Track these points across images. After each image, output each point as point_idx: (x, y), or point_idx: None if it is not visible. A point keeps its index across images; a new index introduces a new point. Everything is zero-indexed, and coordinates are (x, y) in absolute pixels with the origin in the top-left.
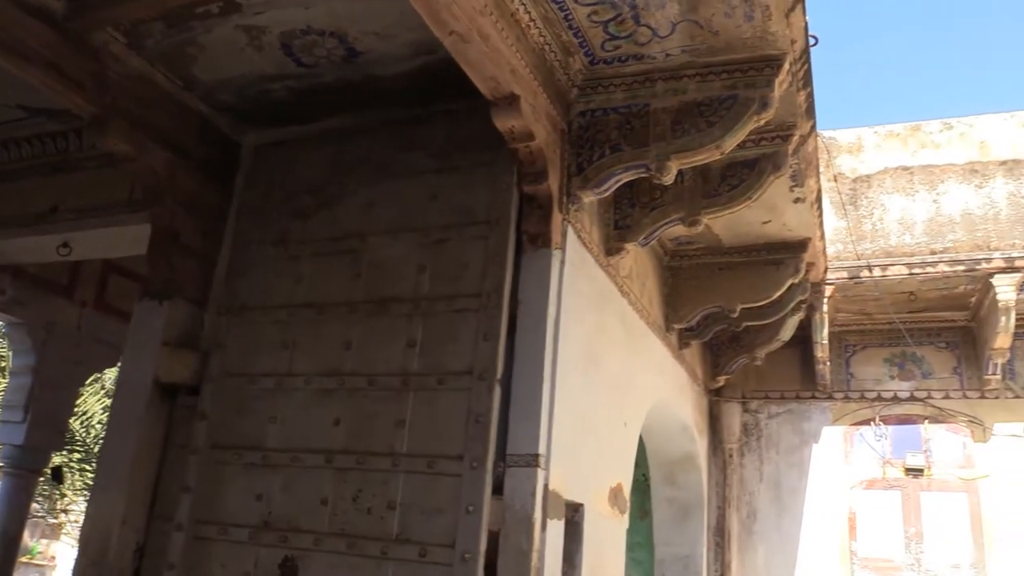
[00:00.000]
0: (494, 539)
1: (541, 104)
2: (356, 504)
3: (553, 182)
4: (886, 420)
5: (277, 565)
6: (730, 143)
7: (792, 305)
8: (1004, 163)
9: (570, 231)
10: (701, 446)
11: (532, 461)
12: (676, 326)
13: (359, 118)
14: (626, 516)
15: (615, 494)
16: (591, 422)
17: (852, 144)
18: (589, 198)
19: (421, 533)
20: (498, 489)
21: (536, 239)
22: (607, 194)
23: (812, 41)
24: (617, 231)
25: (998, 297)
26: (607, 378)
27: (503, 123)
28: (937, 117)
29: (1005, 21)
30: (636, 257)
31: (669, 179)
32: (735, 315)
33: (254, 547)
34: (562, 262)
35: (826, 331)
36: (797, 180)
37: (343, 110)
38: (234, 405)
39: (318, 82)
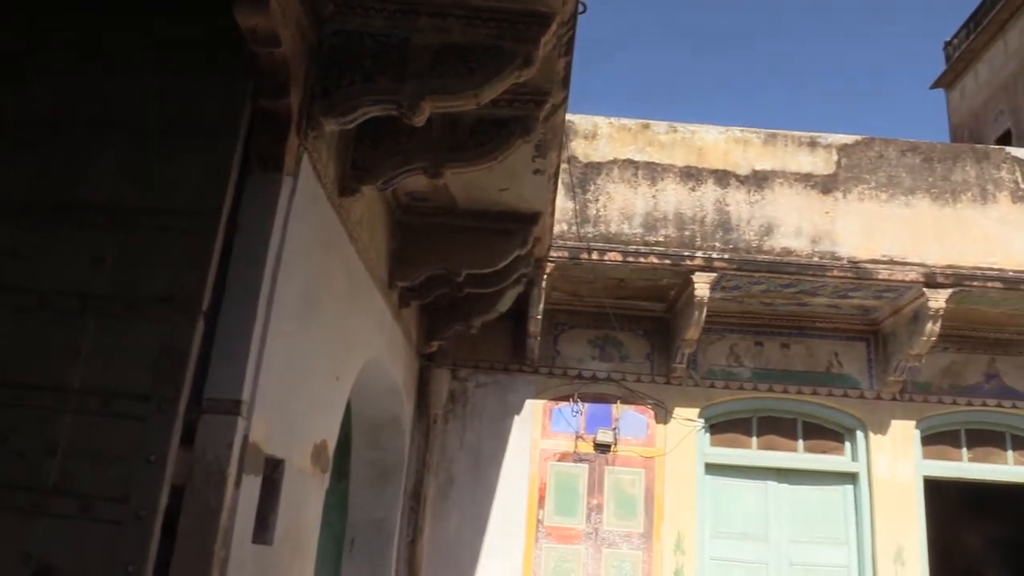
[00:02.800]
0: (178, 494)
1: (292, 10)
2: (5, 446)
3: (294, 100)
4: (584, 398)
5: None
6: (488, 94)
7: (515, 277)
8: (715, 172)
9: (305, 159)
10: (408, 410)
11: (232, 408)
12: (400, 283)
13: None
14: (327, 476)
15: (319, 451)
16: (303, 372)
17: (588, 131)
18: (331, 127)
19: (86, 484)
20: (188, 438)
21: (267, 161)
22: (351, 126)
23: (581, 8)
24: (355, 171)
25: (695, 292)
26: (325, 327)
27: (246, 19)
28: (665, 119)
29: (733, 40)
30: (369, 204)
31: (420, 120)
32: (460, 279)
33: None
34: (292, 191)
35: (541, 307)
36: (541, 151)
37: None
38: None
39: None
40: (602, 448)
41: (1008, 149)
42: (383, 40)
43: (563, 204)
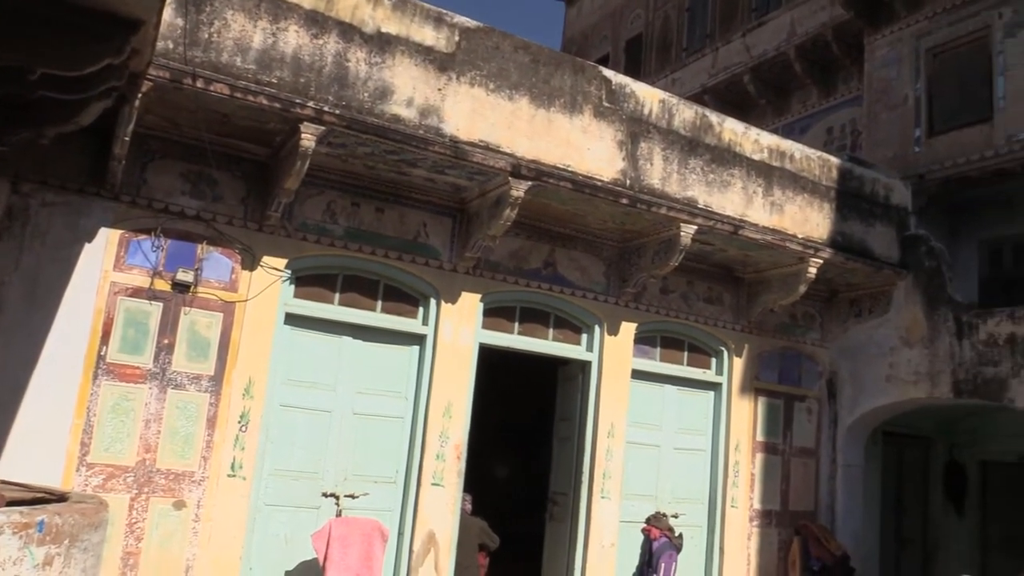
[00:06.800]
0: None
1: None
2: None
3: None
4: (167, 233)
5: None
6: None
7: (103, 89)
8: (342, 24)
9: None
10: None
11: None
12: None
13: None
14: None
15: None
16: None
17: None
18: None
19: None
20: None
21: None
22: None
23: None
24: None
25: (301, 143)
26: None
27: None
28: None
29: None
30: None
31: None
32: (34, 78)
33: None
34: None
35: (131, 129)
36: None
37: None
38: None
39: None
40: (181, 288)
41: (601, 68)
42: None
43: (172, 19)
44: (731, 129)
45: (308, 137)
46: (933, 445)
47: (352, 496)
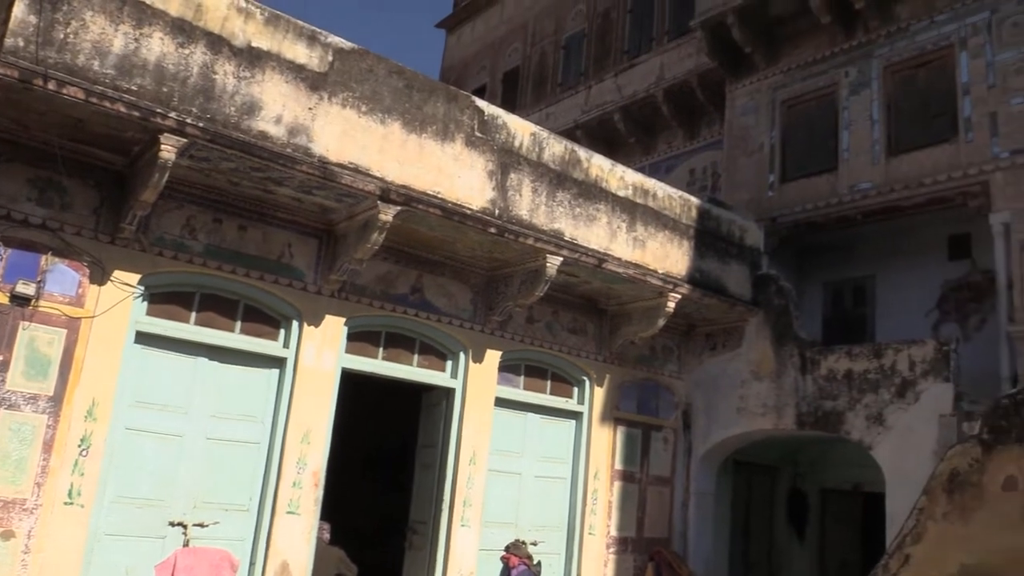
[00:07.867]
0: None
1: None
2: None
3: None
4: (8, 242)
5: None
6: None
7: None
8: (210, 35)
9: None
10: None
11: None
12: None
13: None
14: None
15: None
16: None
17: None
18: None
19: None
20: None
21: None
22: None
23: None
24: None
25: (160, 154)
26: None
27: None
28: None
29: None
30: None
31: None
32: None
33: None
34: None
35: None
36: None
37: None
38: None
39: None
40: (20, 300)
41: (474, 98)
42: None
43: (24, 16)
44: (598, 165)
45: (168, 149)
46: (779, 474)
47: (201, 525)
